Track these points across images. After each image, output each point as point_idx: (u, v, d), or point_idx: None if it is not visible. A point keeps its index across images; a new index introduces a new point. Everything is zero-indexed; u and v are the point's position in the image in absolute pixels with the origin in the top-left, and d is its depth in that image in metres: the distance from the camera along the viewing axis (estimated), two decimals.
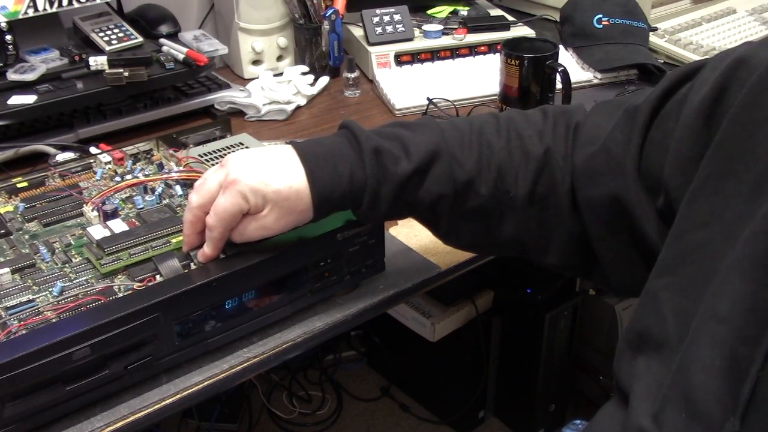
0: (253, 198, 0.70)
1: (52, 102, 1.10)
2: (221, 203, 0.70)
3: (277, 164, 0.71)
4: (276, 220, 0.71)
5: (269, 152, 0.73)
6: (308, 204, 0.71)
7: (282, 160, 0.71)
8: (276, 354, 0.77)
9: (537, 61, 1.20)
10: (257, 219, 0.71)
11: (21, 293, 0.72)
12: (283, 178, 0.70)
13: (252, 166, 0.71)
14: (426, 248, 0.93)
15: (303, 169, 0.71)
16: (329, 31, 1.38)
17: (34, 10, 1.13)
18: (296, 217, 0.72)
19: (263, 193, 0.70)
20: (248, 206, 0.70)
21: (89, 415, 0.69)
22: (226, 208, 0.70)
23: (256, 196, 0.70)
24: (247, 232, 0.72)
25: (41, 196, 0.88)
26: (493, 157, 0.74)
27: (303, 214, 0.72)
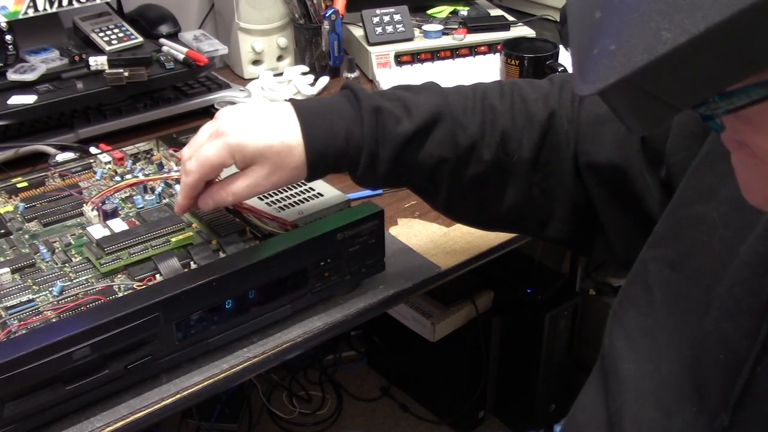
0: (239, 154, 0.68)
1: (52, 102, 1.10)
2: (204, 151, 0.69)
3: (270, 119, 0.69)
4: (267, 175, 0.69)
5: (265, 107, 0.71)
6: (301, 161, 0.69)
7: (277, 115, 0.70)
8: (276, 354, 0.77)
9: (537, 61, 1.20)
10: (247, 175, 0.69)
11: (21, 293, 0.72)
12: (276, 132, 0.68)
13: (244, 120, 0.69)
14: (426, 248, 0.93)
15: (298, 124, 0.69)
16: (329, 31, 1.38)
17: (34, 10, 1.13)
18: (288, 173, 0.70)
19: (251, 150, 0.68)
20: (232, 161, 0.69)
21: (89, 415, 0.69)
22: (207, 156, 0.69)
23: (243, 153, 0.68)
24: (238, 188, 0.70)
25: (41, 196, 0.88)
26: (497, 121, 0.72)
27: (296, 171, 0.70)
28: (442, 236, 0.96)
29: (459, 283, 0.99)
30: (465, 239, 0.95)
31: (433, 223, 0.98)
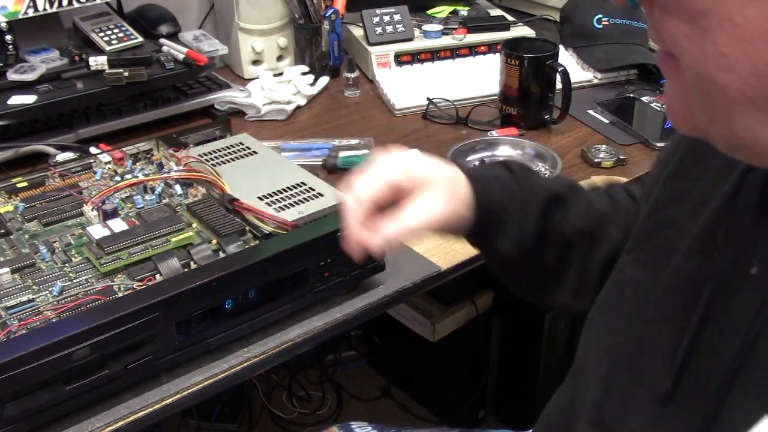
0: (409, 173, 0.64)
1: (52, 102, 1.10)
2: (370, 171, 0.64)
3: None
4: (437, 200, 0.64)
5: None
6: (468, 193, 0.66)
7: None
8: (276, 354, 0.77)
9: (537, 61, 1.20)
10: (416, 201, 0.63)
11: (21, 293, 0.72)
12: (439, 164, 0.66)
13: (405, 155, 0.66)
14: (426, 248, 0.93)
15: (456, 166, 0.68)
16: (329, 31, 1.38)
17: (34, 10, 1.13)
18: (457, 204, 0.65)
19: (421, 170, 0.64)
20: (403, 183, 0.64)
21: (89, 415, 0.69)
22: (375, 172, 0.64)
23: (413, 172, 0.64)
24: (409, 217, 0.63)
25: (41, 196, 0.88)
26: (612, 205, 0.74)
27: (462, 204, 0.66)
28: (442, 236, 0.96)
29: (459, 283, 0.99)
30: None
31: None
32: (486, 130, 1.23)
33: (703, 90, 0.43)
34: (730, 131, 0.44)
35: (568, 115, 1.20)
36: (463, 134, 1.22)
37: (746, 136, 0.43)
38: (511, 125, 1.23)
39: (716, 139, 0.46)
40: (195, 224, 0.82)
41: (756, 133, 0.43)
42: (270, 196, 0.87)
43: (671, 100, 0.47)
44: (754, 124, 0.43)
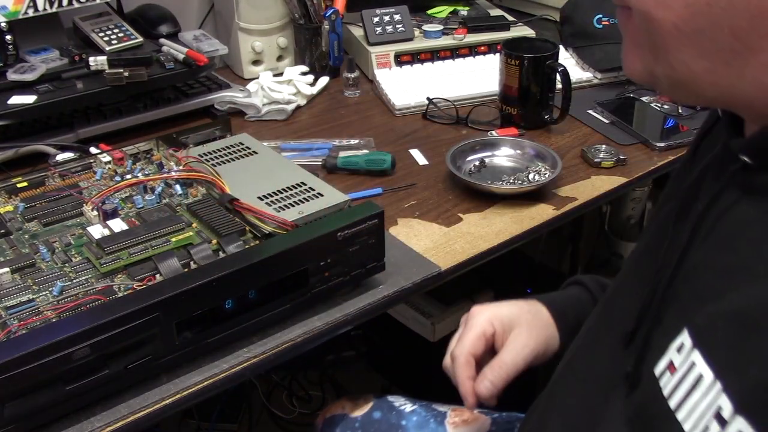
0: (497, 320, 0.76)
1: (52, 102, 1.10)
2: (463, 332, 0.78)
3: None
4: (528, 334, 0.76)
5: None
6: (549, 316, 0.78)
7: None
8: (276, 354, 0.77)
9: (537, 61, 1.20)
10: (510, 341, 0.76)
11: (21, 293, 0.72)
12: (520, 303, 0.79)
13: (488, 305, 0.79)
14: (426, 248, 0.93)
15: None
16: (329, 31, 1.38)
17: (34, 10, 1.13)
18: (543, 330, 0.78)
19: (505, 313, 0.77)
20: (492, 329, 0.76)
21: (89, 415, 0.69)
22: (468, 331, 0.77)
23: (500, 317, 0.77)
24: (506, 356, 0.75)
25: (41, 196, 0.88)
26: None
27: (549, 328, 0.78)
28: (442, 236, 0.96)
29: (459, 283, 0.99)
30: (465, 239, 0.95)
31: (433, 223, 0.98)
32: (486, 130, 1.23)
33: (646, 29, 0.49)
34: (670, 68, 0.49)
35: (568, 115, 1.20)
36: (463, 134, 1.22)
37: (683, 70, 0.48)
38: (511, 125, 1.23)
39: (661, 80, 0.51)
40: (195, 224, 0.82)
41: (690, 67, 0.48)
42: (270, 196, 0.87)
43: (625, 51, 0.53)
44: (688, 58, 0.47)
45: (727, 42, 0.45)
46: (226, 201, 0.84)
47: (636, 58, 0.52)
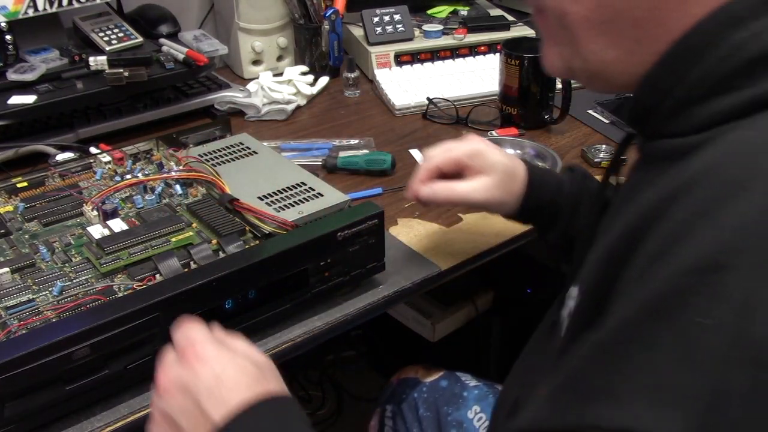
0: (478, 158, 0.81)
1: (52, 102, 1.10)
2: (452, 144, 0.82)
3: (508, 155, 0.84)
4: (489, 187, 0.81)
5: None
6: (520, 190, 0.81)
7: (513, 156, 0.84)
8: (276, 354, 0.77)
9: (537, 61, 1.20)
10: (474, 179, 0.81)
11: (21, 293, 0.72)
12: (511, 158, 0.83)
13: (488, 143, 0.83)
14: (426, 248, 0.93)
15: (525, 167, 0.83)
16: (329, 31, 1.38)
17: (34, 10, 1.13)
18: (505, 195, 0.81)
19: (489, 158, 0.81)
20: (469, 162, 0.81)
21: (89, 415, 0.69)
22: (452, 147, 0.82)
23: (482, 158, 0.81)
24: (462, 188, 0.81)
25: (41, 196, 0.88)
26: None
27: (511, 197, 0.81)
28: (442, 236, 0.96)
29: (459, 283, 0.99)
30: (465, 239, 0.95)
31: (433, 223, 0.98)
32: (486, 130, 1.23)
33: (561, 25, 0.53)
34: (584, 60, 0.53)
35: (568, 115, 1.20)
36: (463, 134, 1.22)
37: (595, 61, 0.53)
38: (511, 125, 1.23)
39: (578, 73, 0.55)
40: (195, 224, 0.82)
41: (602, 57, 0.52)
42: (270, 196, 0.87)
43: (544, 50, 0.57)
44: (599, 48, 0.52)
45: (631, 31, 0.51)
46: (226, 201, 0.84)
47: (555, 56, 0.56)
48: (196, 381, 0.55)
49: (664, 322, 0.40)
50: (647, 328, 0.41)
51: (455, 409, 1.00)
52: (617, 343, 0.42)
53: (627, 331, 0.42)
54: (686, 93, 0.49)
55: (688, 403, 0.38)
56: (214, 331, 0.61)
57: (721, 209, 0.40)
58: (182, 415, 0.55)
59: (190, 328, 0.60)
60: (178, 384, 0.56)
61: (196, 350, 0.57)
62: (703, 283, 0.39)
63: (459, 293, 1.55)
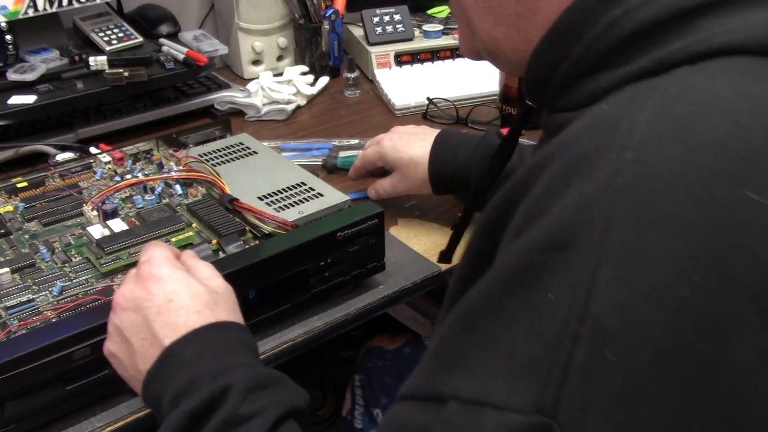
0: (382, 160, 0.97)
1: (52, 102, 1.10)
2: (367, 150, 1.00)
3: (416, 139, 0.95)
4: (398, 181, 0.96)
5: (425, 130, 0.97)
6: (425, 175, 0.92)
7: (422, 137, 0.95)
8: (276, 354, 0.77)
9: None
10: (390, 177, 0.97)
11: (21, 293, 0.72)
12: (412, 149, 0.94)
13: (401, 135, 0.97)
14: (426, 248, 0.93)
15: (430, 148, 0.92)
16: (329, 31, 1.38)
17: (34, 10, 1.13)
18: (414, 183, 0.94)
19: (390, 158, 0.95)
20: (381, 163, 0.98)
21: (89, 415, 0.69)
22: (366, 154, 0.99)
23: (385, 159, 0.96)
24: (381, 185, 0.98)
25: (41, 196, 0.88)
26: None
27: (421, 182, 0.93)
28: (442, 236, 0.96)
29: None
30: (465, 239, 0.95)
31: (433, 223, 0.98)
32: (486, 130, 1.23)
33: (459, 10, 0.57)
34: (480, 40, 0.56)
35: None
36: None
37: (488, 39, 0.55)
38: (511, 125, 1.23)
39: (483, 54, 0.58)
40: (195, 224, 0.82)
41: (492, 35, 0.55)
42: (270, 196, 0.87)
43: (460, 36, 0.60)
44: (488, 26, 0.54)
45: (512, 6, 0.52)
46: (226, 201, 0.84)
47: (464, 38, 0.59)
48: (148, 300, 0.58)
49: (514, 296, 0.42)
50: (500, 302, 0.42)
51: None
52: (474, 314, 0.44)
53: (482, 304, 0.44)
54: (570, 69, 0.49)
55: (535, 375, 0.39)
56: (183, 255, 0.65)
57: (568, 186, 0.41)
58: (133, 332, 0.58)
59: (154, 247, 0.63)
60: (132, 301, 0.58)
61: (153, 270, 0.59)
62: (551, 259, 0.40)
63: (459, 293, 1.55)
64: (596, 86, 0.47)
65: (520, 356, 0.40)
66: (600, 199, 0.40)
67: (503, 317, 0.42)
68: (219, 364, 0.55)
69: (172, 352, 0.56)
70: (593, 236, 0.39)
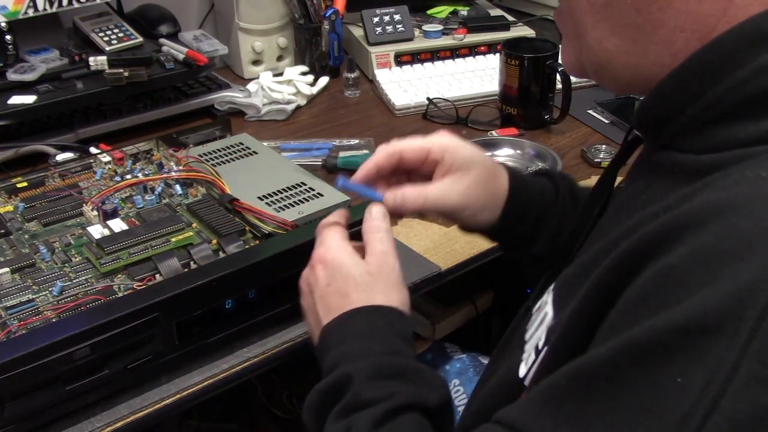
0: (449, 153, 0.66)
1: (52, 102, 1.10)
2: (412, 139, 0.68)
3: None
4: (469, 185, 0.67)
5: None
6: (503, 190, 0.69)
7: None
8: (276, 354, 0.77)
9: (537, 61, 1.20)
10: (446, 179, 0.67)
11: (21, 293, 0.72)
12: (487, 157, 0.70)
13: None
14: (426, 248, 0.93)
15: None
16: (329, 31, 1.38)
17: (34, 10, 1.13)
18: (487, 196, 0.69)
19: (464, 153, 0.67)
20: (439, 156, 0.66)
21: (89, 415, 0.69)
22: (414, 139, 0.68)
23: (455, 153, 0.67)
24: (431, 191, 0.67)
25: (41, 196, 0.88)
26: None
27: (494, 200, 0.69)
28: (442, 236, 0.96)
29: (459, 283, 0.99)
30: (465, 239, 0.95)
31: (433, 223, 0.98)
32: (486, 130, 1.23)
33: (569, 16, 0.53)
34: (590, 50, 0.53)
35: (568, 115, 1.20)
36: (463, 134, 1.22)
37: (599, 50, 0.52)
38: (511, 125, 1.23)
39: (588, 68, 0.55)
40: (195, 224, 0.82)
41: (606, 46, 0.51)
42: (270, 196, 0.87)
43: (562, 48, 0.57)
44: (602, 35, 0.51)
45: (632, 16, 0.49)
46: (226, 201, 0.84)
47: (569, 51, 0.56)
48: (315, 285, 0.63)
49: (642, 371, 0.39)
50: (626, 372, 0.40)
51: None
52: (595, 376, 0.41)
53: (606, 369, 0.41)
54: (701, 112, 0.46)
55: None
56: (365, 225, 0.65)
57: (722, 267, 0.38)
58: (309, 312, 0.65)
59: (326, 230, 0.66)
60: (306, 285, 0.65)
61: (322, 253, 0.64)
62: (689, 343, 0.38)
63: (459, 293, 1.55)
64: (730, 136, 0.44)
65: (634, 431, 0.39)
66: (758, 288, 0.37)
67: (626, 390, 0.40)
68: (354, 350, 0.58)
69: (326, 333, 0.61)
70: (742, 326, 0.37)
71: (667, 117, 0.48)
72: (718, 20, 0.46)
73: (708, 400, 0.37)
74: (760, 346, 0.36)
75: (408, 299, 0.63)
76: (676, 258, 0.40)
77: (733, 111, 0.45)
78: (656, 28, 0.48)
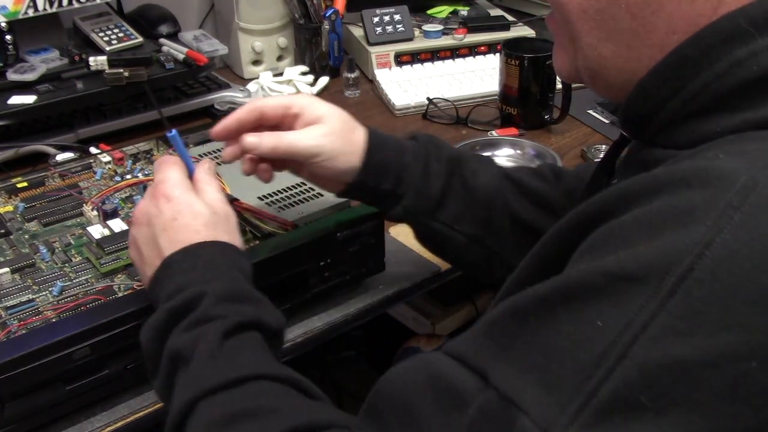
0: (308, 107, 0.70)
1: (52, 102, 1.10)
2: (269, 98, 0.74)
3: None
4: (325, 134, 0.70)
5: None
6: (360, 146, 0.71)
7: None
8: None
9: (537, 61, 1.20)
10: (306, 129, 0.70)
11: (21, 293, 0.72)
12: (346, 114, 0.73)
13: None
14: None
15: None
16: (329, 31, 1.38)
17: (34, 10, 1.13)
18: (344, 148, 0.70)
19: (321, 107, 0.71)
20: (295, 110, 0.70)
21: (89, 415, 0.69)
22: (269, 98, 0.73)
23: (312, 106, 0.71)
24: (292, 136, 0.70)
25: (41, 196, 0.88)
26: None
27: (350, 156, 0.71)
28: None
29: (459, 283, 0.99)
30: None
31: None
32: (486, 130, 1.23)
33: (563, 21, 0.53)
34: (584, 56, 0.53)
35: (568, 115, 1.20)
36: (463, 134, 1.22)
37: (593, 56, 0.52)
38: (511, 125, 1.23)
39: (582, 73, 0.54)
40: None
41: (599, 51, 0.51)
42: (270, 196, 0.87)
43: (555, 53, 0.57)
44: (596, 41, 0.51)
45: (626, 21, 0.49)
46: None
47: (562, 56, 0.56)
48: (157, 217, 0.64)
49: (567, 309, 0.41)
50: (554, 309, 0.42)
51: None
52: (527, 311, 0.44)
53: (537, 304, 0.43)
54: (681, 106, 0.47)
55: (559, 395, 0.39)
56: (197, 171, 0.69)
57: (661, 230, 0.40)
58: (144, 243, 0.65)
59: (169, 167, 0.69)
60: (145, 215, 0.65)
61: (165, 189, 0.65)
62: (613, 287, 0.40)
63: (459, 293, 1.55)
64: (709, 129, 0.45)
65: (553, 370, 0.40)
66: (689, 252, 0.38)
67: (551, 325, 0.42)
68: (205, 275, 0.60)
69: (170, 262, 0.62)
70: (666, 280, 0.38)
71: (649, 113, 0.49)
72: (709, 20, 0.47)
73: (622, 344, 0.38)
74: (679, 301, 0.37)
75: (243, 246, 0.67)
76: (625, 218, 0.42)
77: (710, 104, 0.46)
78: (650, 32, 0.48)
